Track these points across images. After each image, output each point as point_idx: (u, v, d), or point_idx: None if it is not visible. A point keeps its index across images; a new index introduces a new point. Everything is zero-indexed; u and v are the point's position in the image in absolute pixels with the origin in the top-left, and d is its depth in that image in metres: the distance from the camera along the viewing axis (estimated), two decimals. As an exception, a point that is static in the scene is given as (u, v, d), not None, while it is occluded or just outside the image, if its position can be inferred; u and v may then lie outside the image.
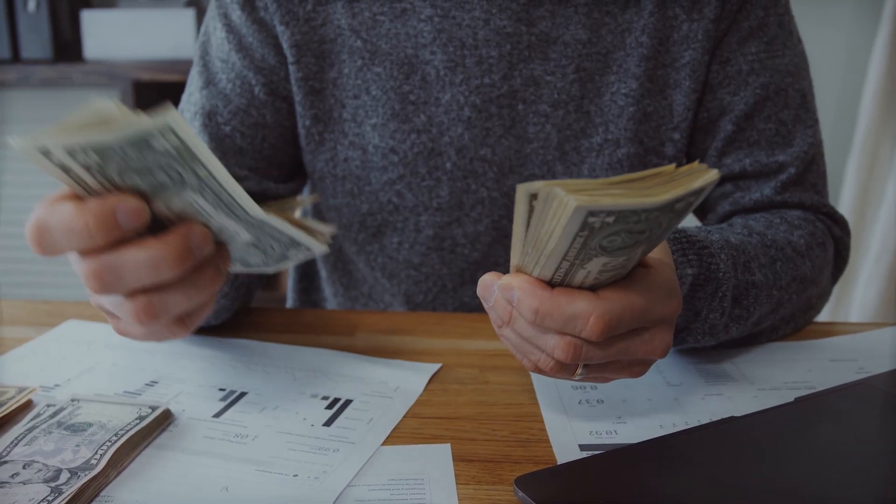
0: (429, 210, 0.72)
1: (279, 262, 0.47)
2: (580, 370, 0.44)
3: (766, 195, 0.69)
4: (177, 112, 0.35)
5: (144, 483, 0.43)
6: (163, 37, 1.70)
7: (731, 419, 0.48)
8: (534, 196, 0.35)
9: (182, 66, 1.65)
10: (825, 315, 1.81)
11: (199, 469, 0.45)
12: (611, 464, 0.44)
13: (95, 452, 0.44)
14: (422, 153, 0.70)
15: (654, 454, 0.44)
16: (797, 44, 0.71)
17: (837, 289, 1.81)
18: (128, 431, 0.46)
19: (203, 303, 0.44)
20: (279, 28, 0.68)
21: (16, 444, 0.45)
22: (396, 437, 0.49)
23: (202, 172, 0.38)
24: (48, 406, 0.49)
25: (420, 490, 0.43)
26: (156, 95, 1.78)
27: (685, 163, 0.75)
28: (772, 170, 0.69)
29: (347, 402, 0.53)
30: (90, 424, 0.47)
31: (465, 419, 0.51)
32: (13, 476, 0.42)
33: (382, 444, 0.48)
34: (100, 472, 0.42)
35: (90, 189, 0.39)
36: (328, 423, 0.50)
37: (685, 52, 0.68)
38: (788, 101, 0.69)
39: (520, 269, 0.42)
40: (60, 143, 0.35)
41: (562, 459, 0.46)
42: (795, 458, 0.43)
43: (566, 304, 0.40)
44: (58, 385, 0.55)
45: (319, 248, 0.45)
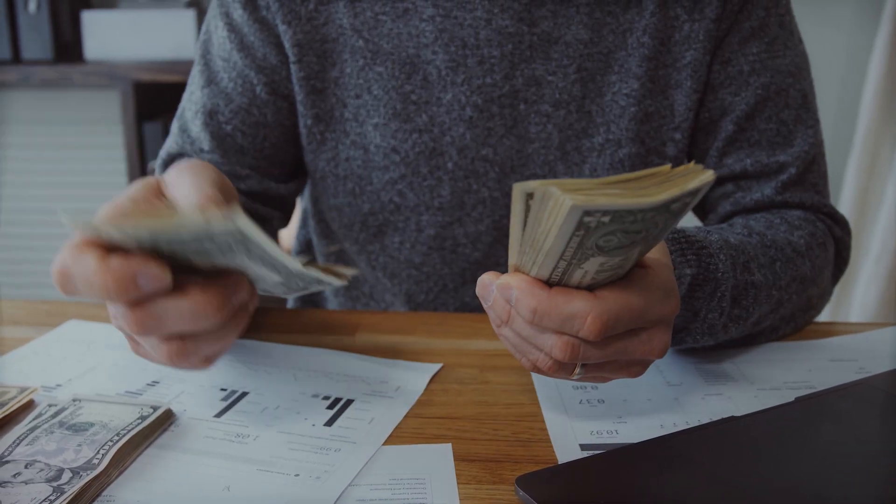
0: (430, 210, 0.72)
1: (298, 292, 0.48)
2: (578, 369, 0.44)
3: (767, 195, 0.69)
4: (244, 216, 0.35)
5: (146, 483, 0.43)
6: (163, 37, 1.70)
7: (732, 419, 0.48)
8: (530, 195, 0.35)
9: (183, 67, 1.65)
10: (825, 315, 1.81)
11: (201, 469, 0.45)
12: (611, 463, 0.44)
13: (97, 452, 0.44)
14: (423, 153, 0.70)
15: (655, 454, 0.44)
16: (798, 44, 0.72)
17: (838, 289, 1.81)
18: (129, 431, 0.46)
19: (230, 342, 0.44)
20: (281, 27, 0.68)
21: (18, 444, 0.45)
22: (397, 437, 0.49)
23: (257, 251, 0.38)
24: (50, 406, 0.49)
25: (421, 490, 0.43)
26: (156, 96, 1.78)
27: (686, 163, 0.76)
28: (772, 170, 0.70)
29: (349, 402, 0.53)
30: (92, 424, 0.47)
31: (466, 419, 0.51)
32: (15, 476, 0.42)
33: (383, 444, 0.48)
34: (102, 472, 0.42)
35: (124, 245, 0.38)
36: (329, 423, 0.50)
37: (686, 53, 0.68)
38: (789, 102, 0.69)
39: (518, 269, 0.42)
40: (116, 232, 0.35)
41: (563, 459, 0.46)
42: (795, 458, 0.44)
43: (564, 304, 0.40)
44: (59, 385, 0.55)
45: (339, 284, 0.45)
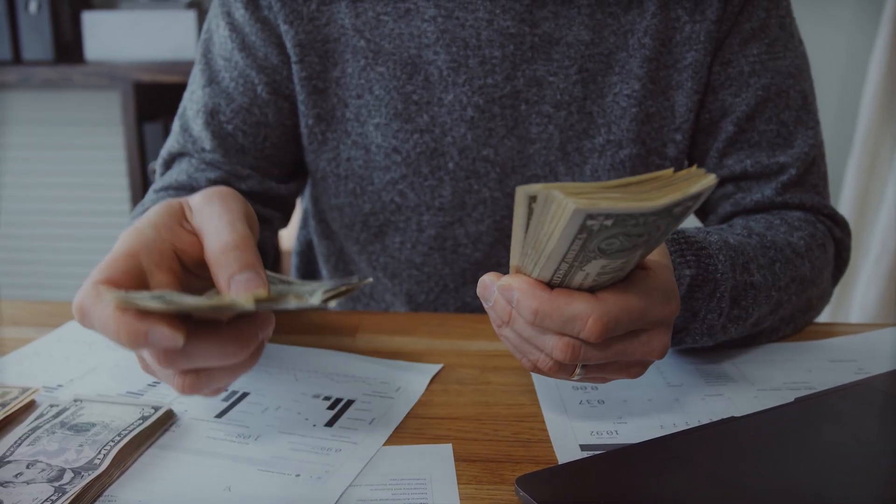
0: (431, 210, 0.72)
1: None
2: (579, 370, 0.44)
3: (767, 196, 0.69)
4: (274, 300, 0.36)
5: (147, 483, 0.43)
6: (164, 38, 1.70)
7: (731, 419, 0.48)
8: (533, 198, 0.35)
9: (183, 68, 1.65)
10: (825, 316, 1.81)
11: (202, 469, 0.45)
12: (611, 464, 0.44)
13: (99, 452, 0.44)
14: (424, 153, 0.70)
15: (655, 454, 0.45)
16: (798, 45, 0.72)
17: (838, 290, 1.81)
18: (131, 431, 0.46)
19: (242, 374, 0.43)
20: (283, 27, 0.68)
21: (19, 444, 0.45)
22: (398, 438, 0.49)
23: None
24: (51, 406, 0.49)
25: (422, 490, 0.43)
26: (157, 97, 1.78)
27: (687, 164, 0.76)
28: (773, 171, 0.70)
29: (349, 403, 0.53)
30: (93, 424, 0.47)
31: (467, 419, 0.51)
32: (17, 476, 0.42)
33: (384, 445, 0.48)
34: (103, 472, 0.42)
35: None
36: (330, 424, 0.50)
37: (687, 54, 0.69)
38: (789, 103, 0.70)
39: (519, 270, 0.42)
40: (151, 304, 0.35)
41: (563, 459, 0.46)
42: (795, 459, 0.44)
43: (565, 306, 0.40)
44: (60, 385, 0.55)
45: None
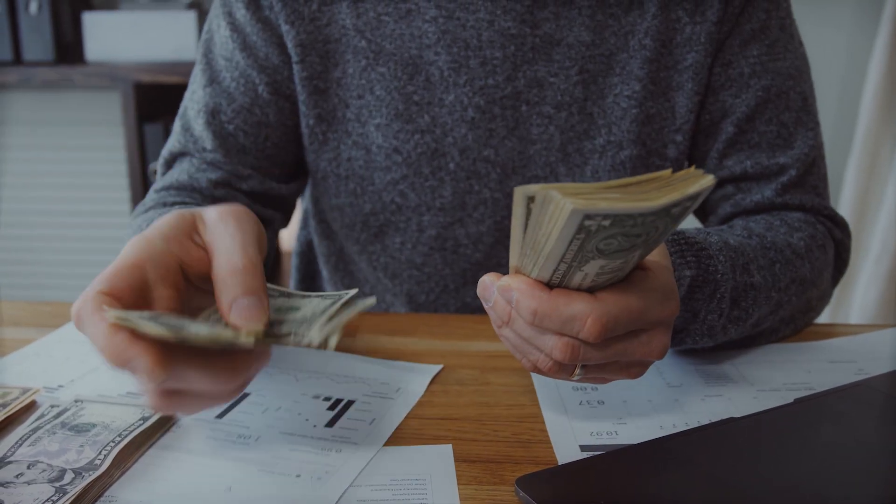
0: (432, 210, 0.72)
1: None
2: (578, 371, 0.44)
3: (767, 197, 0.70)
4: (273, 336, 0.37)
5: (148, 483, 0.43)
6: (164, 39, 1.70)
7: (731, 420, 0.49)
8: (531, 199, 0.35)
9: (183, 68, 1.65)
10: (825, 316, 1.81)
11: (203, 469, 0.45)
12: (611, 464, 0.44)
13: (99, 453, 0.44)
14: (425, 153, 0.70)
15: (654, 455, 0.45)
16: (798, 47, 0.72)
17: (838, 290, 1.81)
18: (131, 432, 0.46)
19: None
20: (284, 27, 0.68)
21: (20, 445, 0.45)
22: (398, 438, 0.49)
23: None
24: (52, 407, 0.49)
25: (422, 490, 0.43)
26: (157, 97, 1.78)
27: (687, 165, 0.76)
28: (773, 172, 0.70)
29: (349, 403, 0.53)
30: (94, 425, 0.47)
31: (467, 420, 0.51)
32: (18, 476, 0.42)
33: (384, 445, 0.48)
34: (104, 473, 0.42)
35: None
36: (330, 424, 0.50)
37: (688, 55, 0.69)
38: (789, 104, 0.70)
39: (518, 271, 0.42)
40: (148, 328, 0.36)
41: (563, 460, 0.46)
42: (795, 459, 0.44)
43: (564, 306, 0.40)
44: (61, 386, 0.55)
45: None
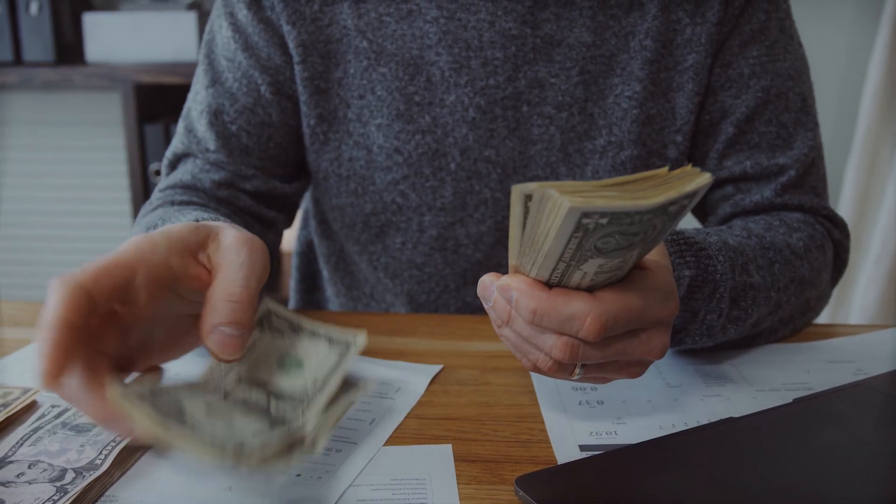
0: (432, 210, 0.72)
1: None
2: (578, 370, 0.44)
3: (767, 197, 0.70)
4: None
5: (149, 483, 0.44)
6: (164, 39, 1.70)
7: (730, 420, 0.49)
8: (528, 197, 0.35)
9: (184, 69, 1.65)
10: (825, 316, 1.81)
11: (203, 469, 0.45)
12: (610, 464, 0.44)
13: (100, 452, 0.44)
14: (426, 154, 0.70)
15: (654, 454, 0.45)
16: (798, 48, 0.72)
17: (837, 291, 1.81)
18: (132, 432, 0.46)
19: None
20: (285, 28, 0.69)
21: (21, 445, 0.45)
22: (398, 438, 0.49)
23: None
24: (52, 407, 0.49)
25: (422, 490, 0.43)
26: (157, 98, 1.78)
27: (686, 165, 0.76)
28: (772, 172, 0.70)
29: (349, 403, 0.53)
30: (94, 425, 0.47)
31: (467, 420, 0.51)
32: (19, 476, 0.42)
33: (384, 445, 0.48)
34: (104, 472, 0.42)
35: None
36: (330, 424, 0.50)
37: (688, 56, 0.69)
38: (789, 105, 0.70)
39: (518, 270, 0.42)
40: (144, 420, 0.37)
41: (562, 460, 0.46)
42: (794, 459, 0.44)
43: (563, 305, 0.40)
44: (62, 386, 0.55)
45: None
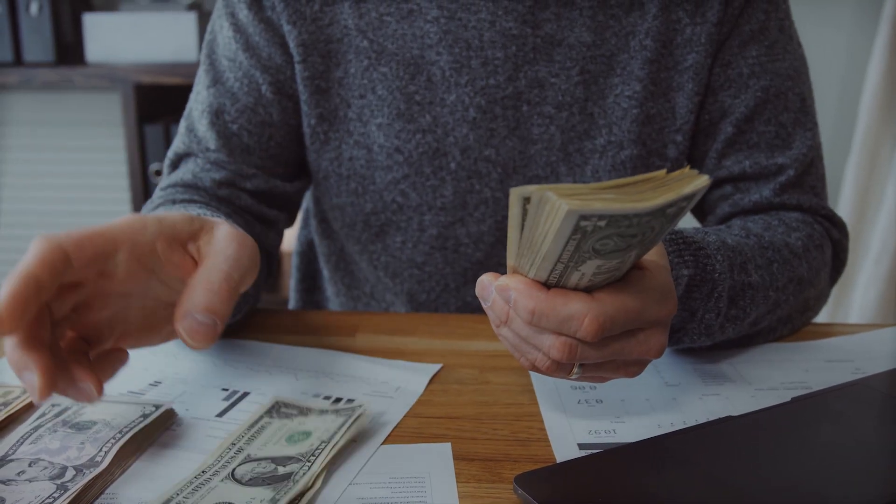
0: (433, 210, 0.72)
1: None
2: (576, 369, 0.44)
3: (766, 197, 0.70)
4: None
5: (149, 481, 0.44)
6: (164, 40, 1.70)
7: (729, 419, 0.49)
8: (527, 199, 0.35)
9: (184, 70, 1.66)
10: (824, 316, 1.81)
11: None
12: (609, 462, 0.44)
13: (100, 450, 0.44)
14: (426, 153, 0.71)
15: (652, 453, 0.45)
16: (797, 48, 0.72)
17: (837, 290, 1.81)
18: (132, 429, 0.46)
19: None
20: (286, 27, 0.69)
21: (21, 443, 0.45)
22: (397, 437, 0.49)
23: None
24: (53, 405, 0.50)
25: (421, 488, 0.43)
26: (157, 98, 1.79)
27: (686, 165, 0.76)
28: (771, 172, 0.70)
29: (349, 402, 0.53)
30: (94, 423, 0.47)
31: (466, 419, 0.51)
32: (19, 474, 0.42)
33: (383, 443, 0.48)
34: (104, 470, 0.43)
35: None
36: (330, 423, 0.51)
37: (688, 56, 0.69)
38: (788, 105, 0.70)
39: (516, 271, 0.42)
40: None
41: (561, 458, 0.46)
42: (792, 458, 0.44)
43: (561, 305, 0.40)
44: (62, 385, 0.55)
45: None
